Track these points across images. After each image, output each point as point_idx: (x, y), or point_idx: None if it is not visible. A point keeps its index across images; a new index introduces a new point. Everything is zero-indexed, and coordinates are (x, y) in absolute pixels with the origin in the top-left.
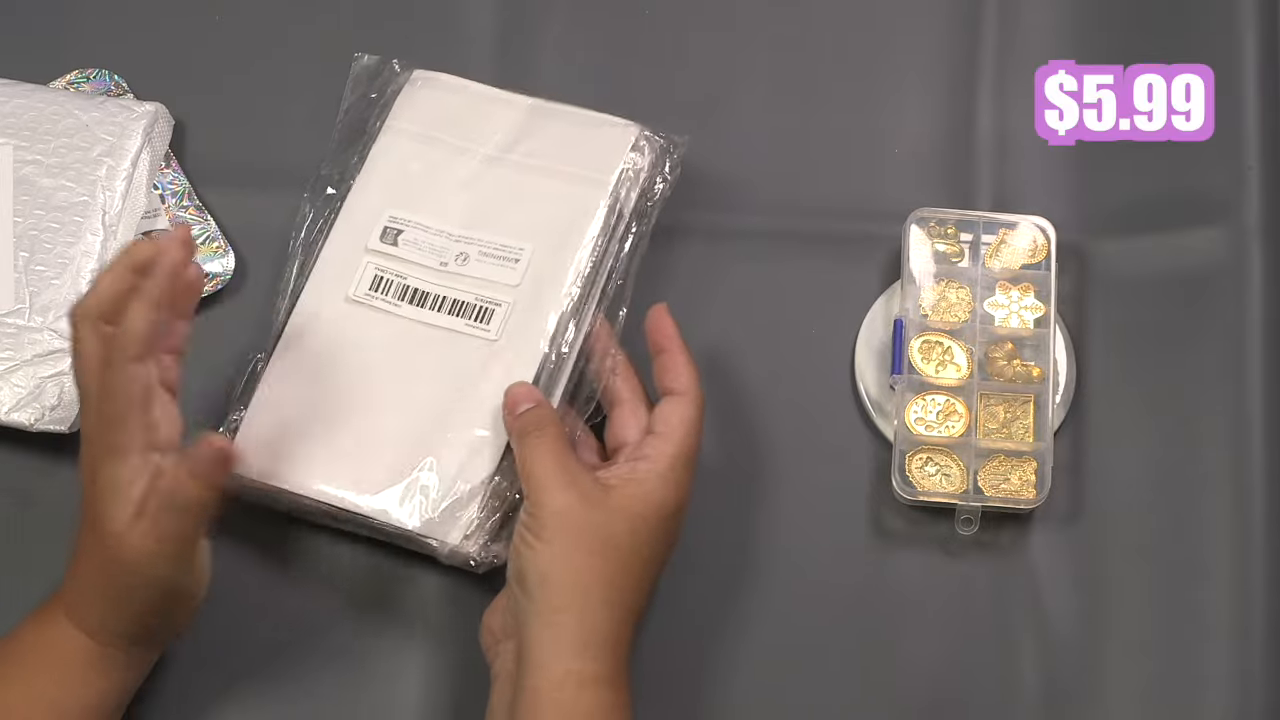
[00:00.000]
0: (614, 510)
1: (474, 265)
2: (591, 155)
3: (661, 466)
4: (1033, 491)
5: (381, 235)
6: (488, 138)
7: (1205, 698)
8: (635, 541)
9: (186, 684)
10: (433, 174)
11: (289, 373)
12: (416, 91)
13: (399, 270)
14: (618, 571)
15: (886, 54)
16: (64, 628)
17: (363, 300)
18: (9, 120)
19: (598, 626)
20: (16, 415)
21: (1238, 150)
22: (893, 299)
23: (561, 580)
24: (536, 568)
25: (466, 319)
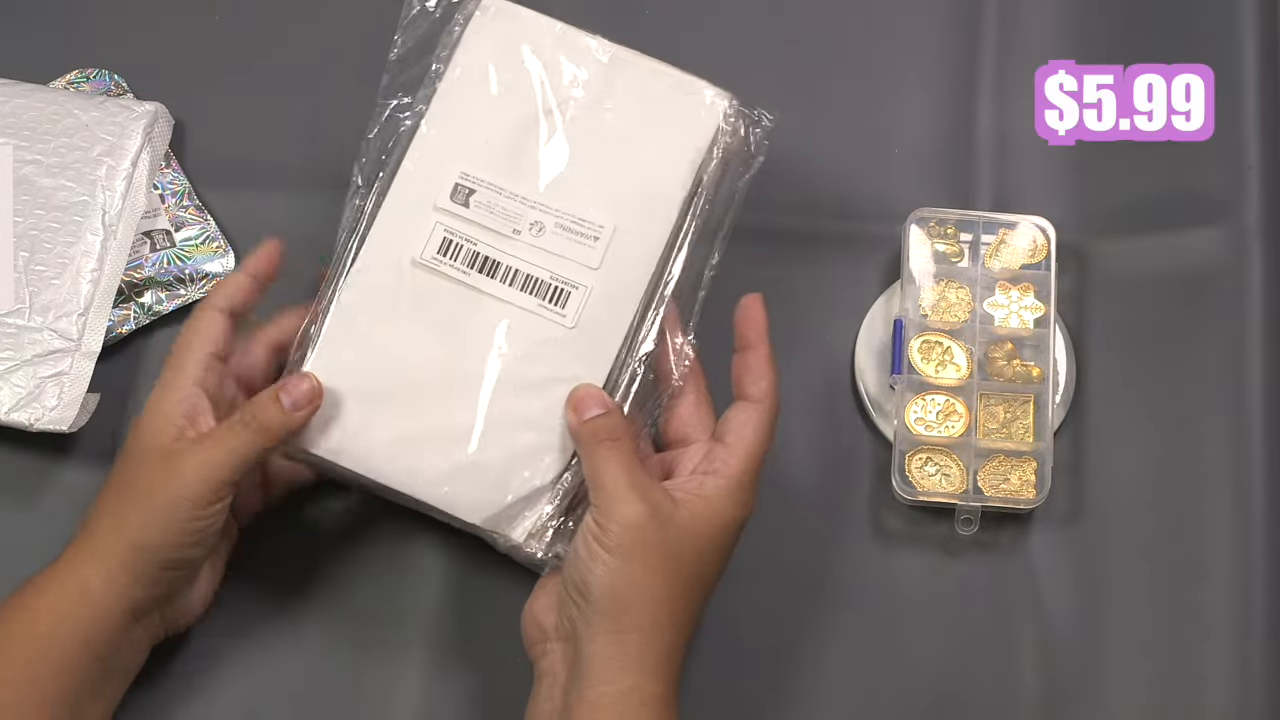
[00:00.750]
0: (682, 528)
1: (550, 238)
2: (679, 123)
3: (731, 485)
4: (1033, 491)
5: (452, 193)
6: (567, 90)
7: (1205, 698)
8: (700, 560)
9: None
10: (507, 127)
11: (346, 339)
12: (489, 23)
13: (470, 235)
14: (682, 592)
15: (886, 54)
16: (74, 550)
17: (429, 264)
18: (9, 120)
19: (662, 647)
20: (16, 415)
21: (1238, 150)
22: (893, 299)
23: (631, 600)
24: (605, 583)
25: (540, 298)
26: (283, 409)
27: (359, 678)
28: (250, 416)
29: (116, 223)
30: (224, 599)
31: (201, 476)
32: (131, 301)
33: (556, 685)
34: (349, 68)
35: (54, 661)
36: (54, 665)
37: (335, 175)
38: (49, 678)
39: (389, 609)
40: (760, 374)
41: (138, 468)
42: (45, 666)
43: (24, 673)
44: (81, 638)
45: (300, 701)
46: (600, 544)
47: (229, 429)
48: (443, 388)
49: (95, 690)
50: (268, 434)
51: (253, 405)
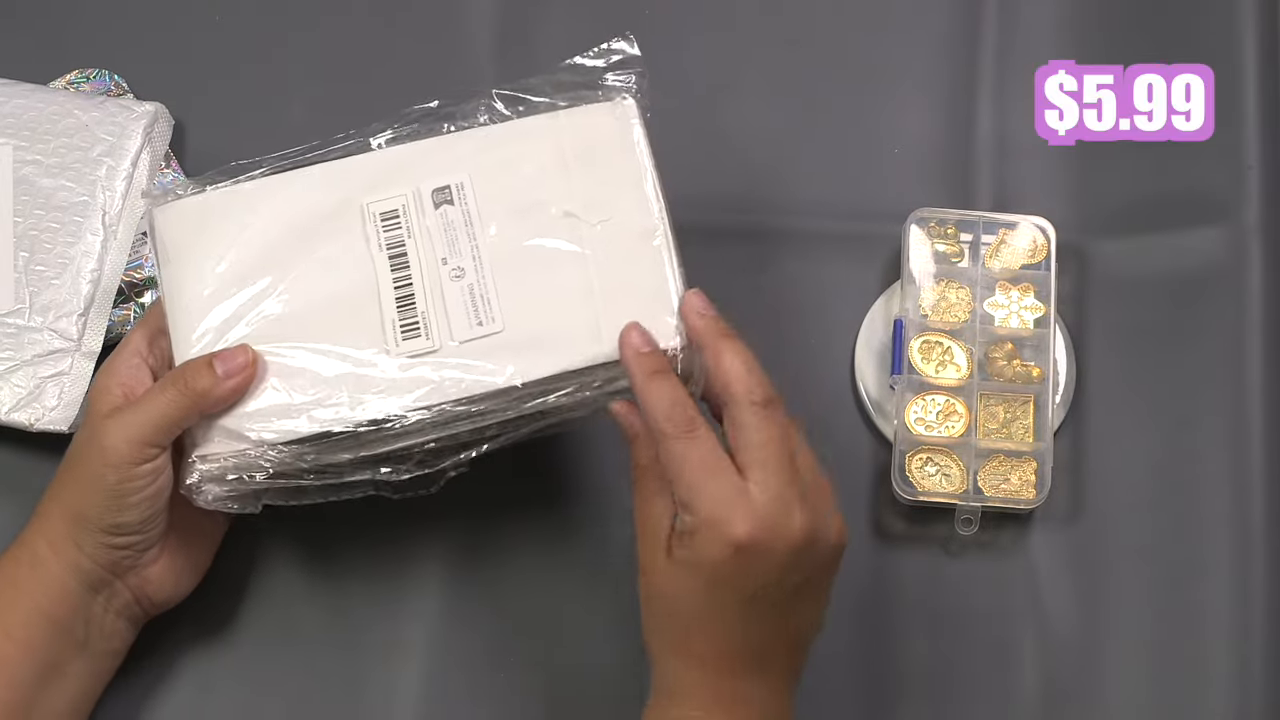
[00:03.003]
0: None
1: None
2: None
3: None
4: (1033, 491)
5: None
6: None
7: (1205, 698)
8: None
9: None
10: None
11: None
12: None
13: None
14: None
15: (886, 54)
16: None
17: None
18: (9, 120)
19: (678, 675)
20: (16, 415)
21: (1238, 150)
22: (893, 299)
23: (650, 642)
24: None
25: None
26: (214, 373)
27: (359, 677)
28: (178, 377)
29: (117, 223)
30: (224, 599)
31: (124, 437)
32: (131, 301)
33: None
34: (349, 68)
35: (18, 639)
36: (18, 642)
37: None
38: (14, 655)
39: (389, 608)
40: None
41: (77, 439)
42: (7, 643)
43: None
44: (42, 612)
45: (300, 701)
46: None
47: (154, 390)
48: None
49: (63, 667)
50: (193, 396)
51: (182, 368)
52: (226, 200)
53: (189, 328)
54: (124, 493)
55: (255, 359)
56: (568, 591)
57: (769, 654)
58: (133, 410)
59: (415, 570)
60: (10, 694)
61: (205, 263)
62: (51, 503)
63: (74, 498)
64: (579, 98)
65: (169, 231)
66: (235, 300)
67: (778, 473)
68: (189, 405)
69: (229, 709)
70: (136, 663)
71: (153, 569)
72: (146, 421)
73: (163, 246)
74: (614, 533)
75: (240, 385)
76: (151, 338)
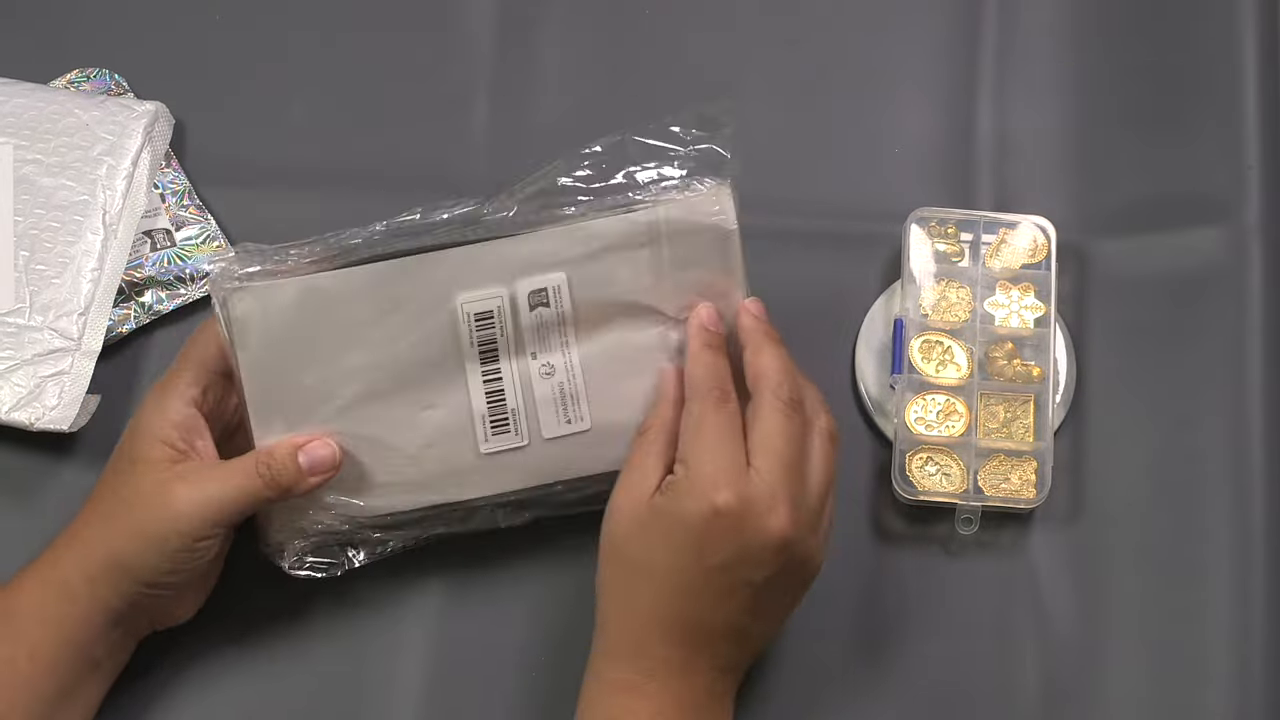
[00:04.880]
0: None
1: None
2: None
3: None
4: (1033, 491)
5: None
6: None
7: (1205, 698)
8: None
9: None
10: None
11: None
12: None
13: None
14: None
15: (886, 54)
16: (52, 556)
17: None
18: (9, 119)
19: (620, 636)
20: (16, 415)
21: (1238, 150)
22: (893, 299)
23: (599, 593)
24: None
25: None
26: (299, 468)
27: (359, 678)
28: (264, 468)
29: (117, 222)
30: (223, 598)
31: (196, 512)
32: (132, 301)
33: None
34: (349, 68)
35: (40, 661)
36: (40, 665)
37: (335, 175)
38: (35, 677)
39: (389, 606)
40: (750, 366)
41: (131, 483)
42: (31, 665)
43: (8, 671)
44: (64, 637)
45: (300, 701)
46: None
47: (236, 471)
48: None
49: (79, 688)
50: (275, 489)
51: (269, 455)
52: (312, 290)
53: (270, 416)
54: (179, 560)
55: (339, 455)
56: (569, 592)
57: (715, 637)
58: (209, 484)
59: (416, 570)
60: (28, 712)
61: (290, 350)
62: (93, 535)
63: (122, 544)
64: (666, 159)
65: (251, 318)
66: (321, 390)
67: (779, 468)
68: (270, 497)
69: (229, 710)
70: (138, 665)
71: (171, 605)
72: (224, 501)
73: (241, 333)
74: None
75: (322, 482)
76: (203, 383)
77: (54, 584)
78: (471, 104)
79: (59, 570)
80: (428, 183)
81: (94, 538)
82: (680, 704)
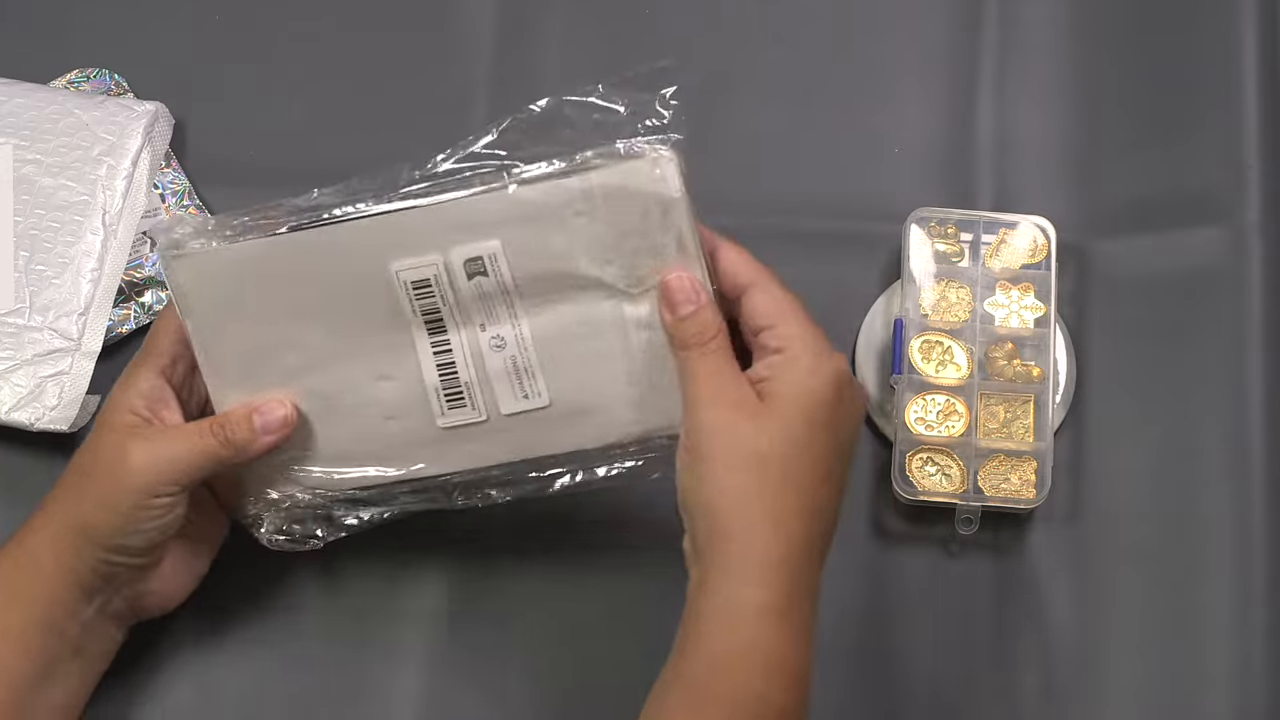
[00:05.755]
0: (769, 419)
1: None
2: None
3: (799, 347)
4: (1033, 491)
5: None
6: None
7: (1205, 698)
8: (799, 448)
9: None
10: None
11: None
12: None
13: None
14: (779, 490)
15: (886, 54)
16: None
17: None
18: (9, 120)
19: (761, 553)
20: (17, 415)
21: (1238, 150)
22: (893, 299)
23: (720, 507)
24: (698, 495)
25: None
26: (252, 428)
27: (359, 680)
28: (219, 427)
29: (117, 222)
30: (222, 601)
31: (150, 467)
32: (131, 301)
33: (688, 602)
34: (349, 68)
35: (14, 641)
36: (14, 645)
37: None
38: (9, 658)
39: (389, 609)
40: (736, 262)
41: (94, 449)
42: (3, 645)
43: None
44: (38, 617)
45: (299, 704)
46: (689, 452)
47: (192, 431)
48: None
49: (57, 671)
50: (230, 449)
51: (223, 417)
52: (248, 258)
53: (224, 381)
54: (136, 519)
55: (293, 415)
56: (569, 594)
57: (828, 540)
58: (165, 443)
59: (415, 572)
60: (7, 694)
61: (235, 316)
62: (57, 506)
63: (83, 510)
64: (614, 130)
65: (192, 285)
66: (270, 355)
67: (813, 323)
68: (225, 457)
69: (228, 712)
70: (135, 664)
71: (149, 583)
72: (178, 460)
73: (184, 299)
74: (614, 535)
75: (277, 441)
76: (172, 354)
77: (22, 561)
78: (471, 104)
79: (25, 546)
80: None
81: (57, 509)
82: (810, 633)
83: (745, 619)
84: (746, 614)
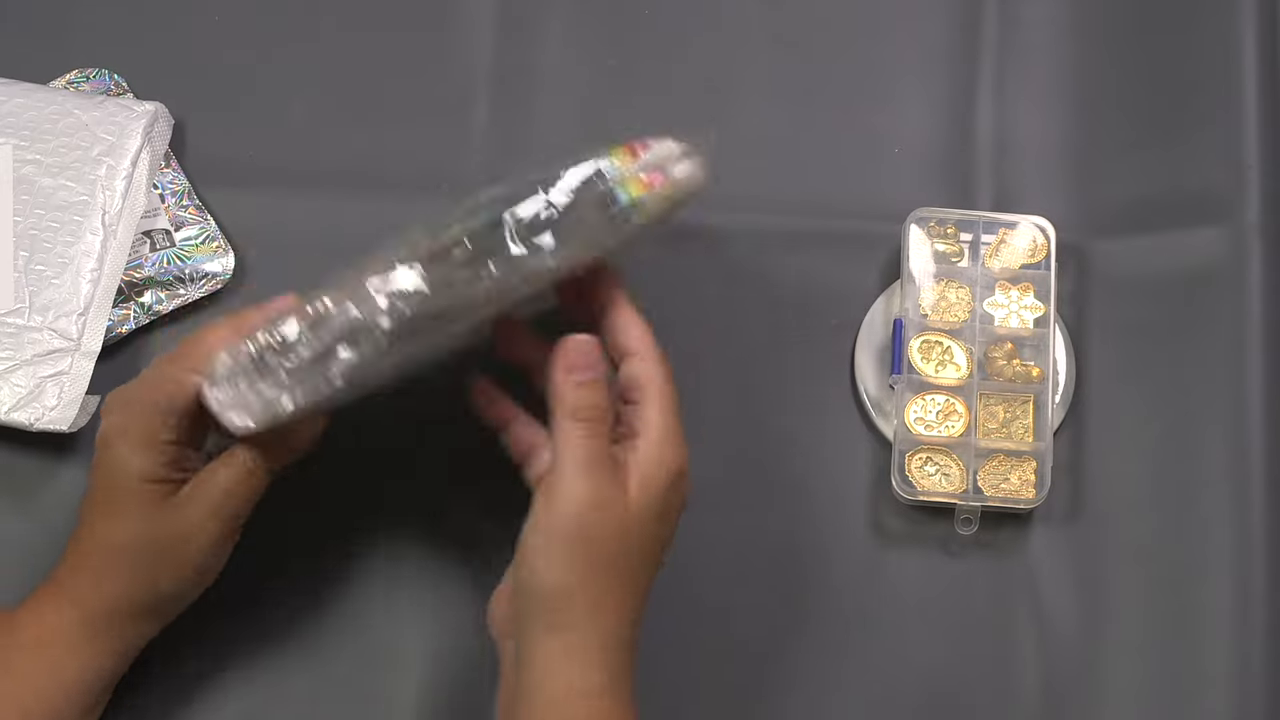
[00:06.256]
0: (627, 508)
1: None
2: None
3: (660, 439)
4: (1032, 491)
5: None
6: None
7: (1205, 698)
8: (645, 534)
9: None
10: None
11: None
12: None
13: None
14: (628, 574)
15: (886, 54)
16: (54, 603)
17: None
18: (9, 120)
19: (603, 636)
20: (16, 415)
21: (1238, 150)
22: (893, 299)
23: (573, 590)
24: (548, 575)
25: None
26: (288, 445)
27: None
28: (260, 458)
29: (116, 222)
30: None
31: (219, 524)
32: (131, 301)
33: (507, 686)
34: (349, 68)
35: (44, 701)
36: (44, 705)
37: (335, 175)
38: (37, 714)
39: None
40: (628, 325)
41: (134, 525)
42: (36, 704)
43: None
44: (67, 686)
45: (298, 707)
46: (544, 533)
47: (239, 473)
48: None
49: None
50: (280, 463)
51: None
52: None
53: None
54: (213, 569)
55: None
56: None
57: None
58: (218, 494)
59: (413, 576)
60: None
61: None
62: (116, 589)
63: (155, 589)
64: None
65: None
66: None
67: (676, 411)
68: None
69: (226, 712)
70: (134, 668)
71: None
72: (239, 500)
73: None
74: None
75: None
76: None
77: (60, 635)
78: (471, 104)
79: (61, 631)
80: (427, 183)
81: (117, 593)
82: (633, 700)
83: (587, 698)
84: (589, 694)
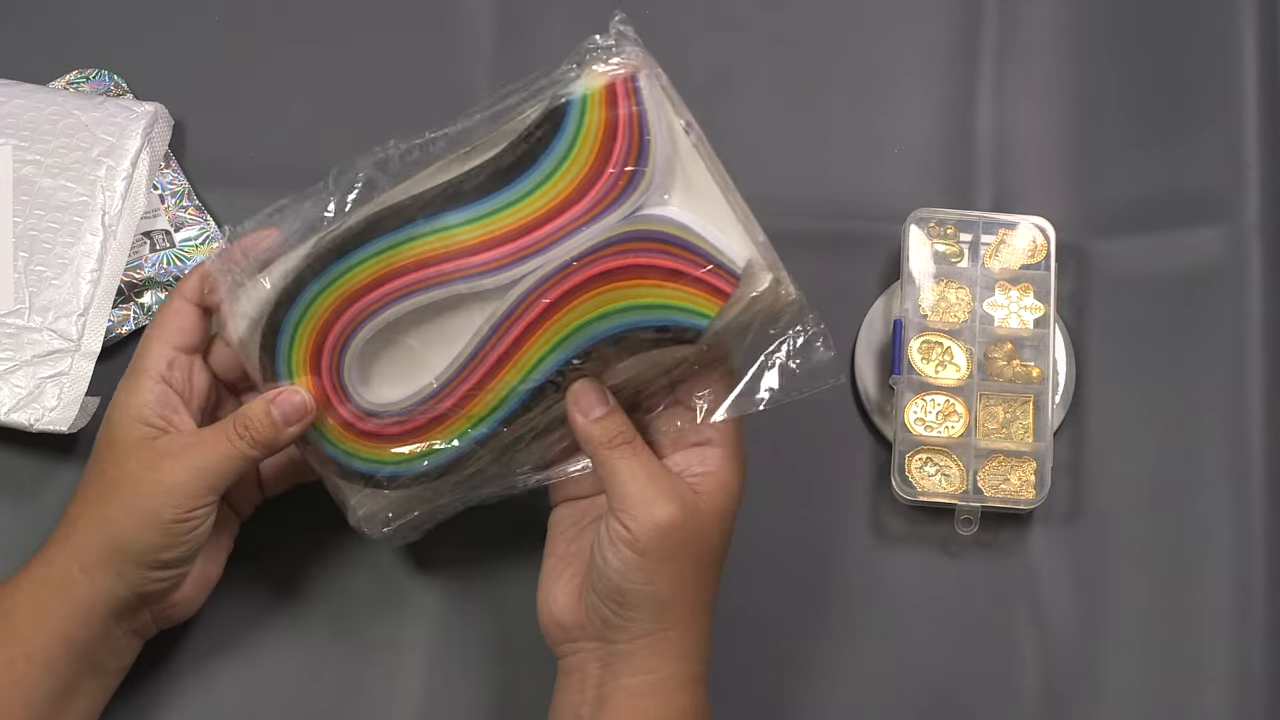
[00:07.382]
0: (706, 515)
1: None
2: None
3: (730, 452)
4: (1032, 491)
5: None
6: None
7: (1205, 698)
8: (719, 540)
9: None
10: None
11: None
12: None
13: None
14: (710, 576)
15: (886, 54)
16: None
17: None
18: (9, 120)
19: (698, 633)
20: (16, 415)
21: (1238, 150)
22: (892, 299)
23: (672, 600)
24: (644, 590)
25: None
26: (273, 422)
27: (360, 677)
28: (243, 429)
29: (116, 223)
30: (224, 598)
31: (188, 479)
32: (131, 302)
33: (588, 680)
34: (349, 68)
35: (38, 661)
36: (38, 664)
37: None
38: (33, 676)
39: (389, 608)
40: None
41: (118, 465)
42: (28, 665)
43: (6, 672)
44: (64, 635)
45: (300, 701)
46: (634, 549)
47: (218, 437)
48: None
49: (79, 688)
50: (259, 447)
51: (244, 417)
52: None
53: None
54: (177, 533)
55: (312, 401)
56: None
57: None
58: (195, 453)
59: (416, 569)
60: (28, 713)
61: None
62: (87, 525)
63: (118, 528)
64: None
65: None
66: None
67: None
68: (255, 456)
69: (229, 709)
70: (137, 664)
71: (177, 594)
72: (210, 468)
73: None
74: None
75: (301, 429)
76: (169, 359)
77: (51, 580)
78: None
79: (55, 566)
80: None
81: (88, 527)
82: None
83: (684, 688)
84: (685, 684)
